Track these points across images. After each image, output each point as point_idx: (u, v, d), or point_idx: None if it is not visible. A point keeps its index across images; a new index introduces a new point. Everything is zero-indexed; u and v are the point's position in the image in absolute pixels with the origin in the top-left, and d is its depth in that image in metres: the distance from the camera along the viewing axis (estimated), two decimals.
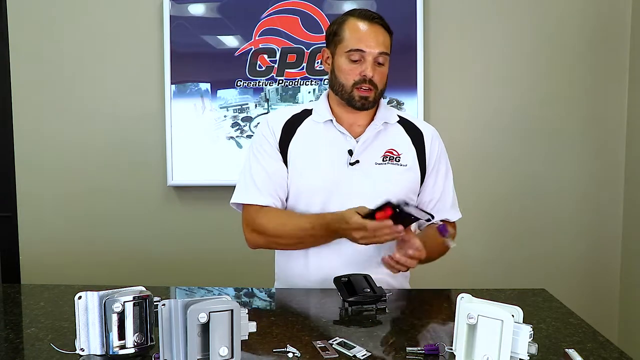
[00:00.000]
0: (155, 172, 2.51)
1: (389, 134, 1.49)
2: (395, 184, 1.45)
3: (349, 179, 1.44)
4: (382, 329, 1.16)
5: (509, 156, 2.45)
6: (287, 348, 1.01)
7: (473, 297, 0.91)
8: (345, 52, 1.41)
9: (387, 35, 1.43)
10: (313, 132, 1.49)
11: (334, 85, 1.46)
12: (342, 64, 1.42)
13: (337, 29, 1.45)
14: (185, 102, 2.45)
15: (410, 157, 1.48)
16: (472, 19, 2.41)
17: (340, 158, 1.45)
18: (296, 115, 1.51)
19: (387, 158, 1.47)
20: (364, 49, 1.39)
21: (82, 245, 2.56)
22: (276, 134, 1.49)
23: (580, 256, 2.47)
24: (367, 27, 1.41)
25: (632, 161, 2.37)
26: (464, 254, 2.48)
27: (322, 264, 1.45)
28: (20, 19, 2.51)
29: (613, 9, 2.38)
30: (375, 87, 1.42)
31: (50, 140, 2.54)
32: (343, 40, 1.42)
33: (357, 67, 1.41)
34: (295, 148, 1.47)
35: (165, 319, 0.90)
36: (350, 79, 1.42)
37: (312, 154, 1.47)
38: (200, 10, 2.43)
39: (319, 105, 1.52)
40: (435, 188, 1.53)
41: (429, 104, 2.41)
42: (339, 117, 1.49)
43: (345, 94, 1.43)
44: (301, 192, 1.47)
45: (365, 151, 1.46)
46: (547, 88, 2.42)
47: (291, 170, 1.47)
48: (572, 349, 0.95)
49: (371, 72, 1.40)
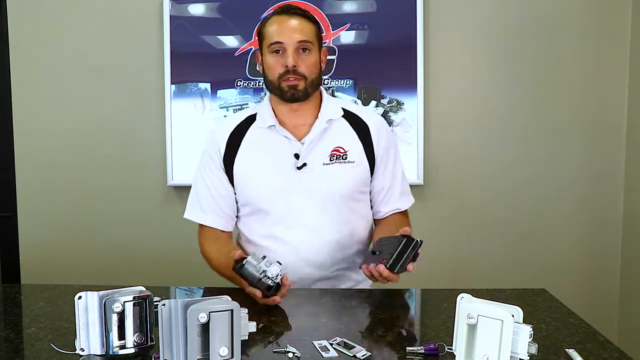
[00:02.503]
0: (155, 172, 2.51)
1: (334, 131, 1.50)
2: (346, 182, 1.48)
3: (297, 183, 1.46)
4: (382, 329, 1.16)
5: (508, 156, 2.44)
6: (287, 348, 1.01)
7: (473, 297, 0.91)
8: (267, 48, 1.44)
9: (308, 24, 1.44)
10: (258, 139, 1.50)
11: (267, 84, 1.48)
12: (268, 59, 1.45)
13: (260, 29, 1.48)
14: (185, 102, 2.45)
15: (357, 152, 1.49)
16: (472, 19, 2.41)
17: (286, 163, 1.47)
18: (240, 125, 1.53)
19: (334, 157, 1.48)
20: (282, 40, 1.41)
21: (82, 245, 2.56)
22: (220, 149, 1.51)
23: (581, 256, 2.47)
24: (285, 20, 1.43)
25: (632, 161, 2.37)
26: (464, 254, 2.49)
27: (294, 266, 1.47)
28: (20, 19, 2.51)
29: (613, 9, 2.37)
30: (304, 76, 1.42)
31: (51, 140, 2.54)
32: (265, 37, 1.45)
33: (279, 59, 1.42)
34: (242, 159, 1.50)
35: (165, 319, 0.90)
36: (275, 72, 1.43)
37: (259, 162, 1.49)
38: (200, 10, 2.43)
39: (262, 109, 1.52)
40: (384, 178, 1.54)
41: (429, 104, 2.41)
42: (282, 119, 1.50)
43: (275, 89, 1.45)
44: (253, 201, 1.50)
45: (312, 153, 1.47)
46: (547, 88, 2.42)
47: (240, 182, 1.50)
48: (572, 349, 0.95)
49: (292, 61, 1.40)
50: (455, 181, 2.44)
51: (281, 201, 1.47)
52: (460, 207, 2.45)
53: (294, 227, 1.47)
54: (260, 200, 1.48)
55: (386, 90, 2.39)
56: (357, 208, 1.52)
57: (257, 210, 1.50)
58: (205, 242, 1.55)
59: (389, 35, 2.36)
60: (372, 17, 2.36)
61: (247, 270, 1.23)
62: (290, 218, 1.47)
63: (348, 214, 1.50)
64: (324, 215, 1.47)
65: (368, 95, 2.39)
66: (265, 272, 1.21)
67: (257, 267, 1.22)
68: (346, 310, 1.27)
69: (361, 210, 1.54)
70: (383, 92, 2.39)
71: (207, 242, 1.55)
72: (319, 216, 1.47)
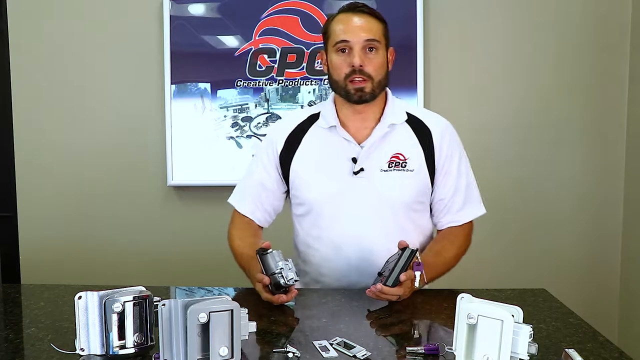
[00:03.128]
0: (155, 172, 2.51)
1: (396, 137, 1.46)
2: (402, 191, 1.43)
3: (352, 189, 1.43)
4: (382, 329, 1.16)
5: (508, 156, 2.44)
6: (287, 348, 1.01)
7: (473, 297, 0.91)
8: (333, 47, 1.41)
9: (375, 22, 1.41)
10: (318, 140, 1.48)
11: (331, 84, 1.45)
12: (333, 58, 1.41)
13: (326, 28, 1.45)
14: (185, 102, 2.45)
15: (417, 160, 1.44)
16: (472, 19, 2.41)
17: (343, 167, 1.44)
18: (302, 124, 1.51)
19: (393, 164, 1.43)
20: (349, 38, 1.37)
21: (82, 245, 2.56)
22: (278, 147, 1.50)
23: (581, 256, 2.47)
24: (351, 18, 1.40)
25: (632, 160, 2.37)
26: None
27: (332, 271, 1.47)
28: (20, 19, 2.51)
29: (613, 9, 2.37)
30: (370, 77, 1.39)
31: (50, 140, 2.54)
32: (331, 36, 1.42)
33: (345, 59, 1.39)
34: (300, 159, 1.48)
35: (165, 319, 0.90)
36: (341, 72, 1.40)
37: (316, 164, 1.46)
38: (200, 10, 2.43)
39: (325, 109, 1.50)
40: (445, 188, 1.47)
41: (429, 104, 2.41)
42: (344, 121, 1.47)
43: (341, 90, 1.42)
44: (307, 203, 1.48)
45: (370, 158, 1.43)
46: (547, 88, 2.42)
47: (295, 181, 1.48)
48: (572, 348, 0.95)
49: (359, 60, 1.36)
50: None
51: (334, 206, 1.44)
52: None
53: (344, 232, 1.45)
54: (313, 202, 1.47)
55: None
56: (414, 217, 1.47)
57: (310, 211, 1.48)
58: (234, 226, 1.55)
59: (389, 35, 2.36)
60: None
61: (268, 259, 1.24)
62: (342, 223, 1.45)
63: (403, 224, 1.45)
64: (376, 223, 1.43)
65: None
66: (282, 270, 1.22)
67: (277, 263, 1.24)
68: (346, 310, 1.27)
69: (418, 220, 1.49)
70: None
71: (235, 226, 1.55)
72: (371, 224, 1.44)
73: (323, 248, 1.48)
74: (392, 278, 1.23)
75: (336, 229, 1.45)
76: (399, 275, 1.23)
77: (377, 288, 1.23)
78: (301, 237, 1.54)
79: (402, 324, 1.21)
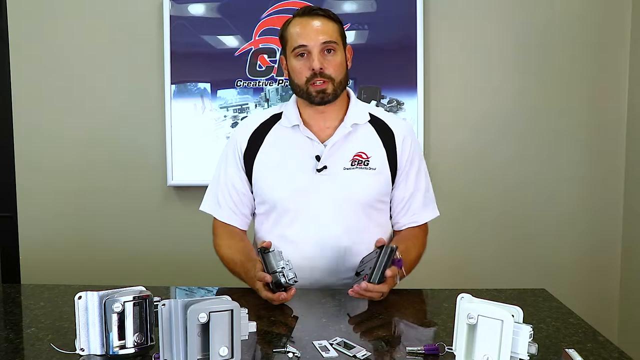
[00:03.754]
0: (155, 172, 2.51)
1: (359, 136, 1.47)
2: (365, 189, 1.45)
3: (315, 186, 1.44)
4: (382, 329, 1.16)
5: (508, 156, 2.44)
6: (287, 348, 1.01)
7: (473, 297, 0.91)
8: (292, 52, 1.42)
9: (331, 23, 1.42)
10: (281, 139, 1.49)
11: (293, 87, 1.46)
12: (293, 63, 1.42)
13: (282, 33, 1.46)
14: (185, 102, 2.45)
15: (380, 159, 1.46)
16: (472, 19, 2.41)
17: (307, 165, 1.45)
18: (264, 123, 1.52)
19: (356, 162, 1.45)
20: (306, 42, 1.39)
21: (82, 245, 2.56)
22: (241, 147, 1.50)
23: (581, 256, 2.47)
24: (307, 21, 1.41)
25: (631, 161, 2.37)
26: (464, 254, 2.49)
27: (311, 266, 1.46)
28: (20, 19, 2.51)
29: (613, 9, 2.37)
30: (331, 78, 1.40)
31: (50, 139, 2.54)
32: (289, 41, 1.43)
33: (305, 63, 1.40)
34: (263, 157, 1.48)
35: (165, 319, 0.90)
36: (302, 76, 1.41)
37: (279, 162, 1.47)
38: (200, 10, 2.43)
39: (288, 109, 1.51)
40: (405, 188, 1.50)
41: (429, 104, 2.41)
42: (307, 120, 1.48)
43: (303, 93, 1.43)
44: (268, 200, 1.48)
45: (333, 156, 1.45)
46: (547, 88, 2.42)
47: (258, 180, 1.49)
48: (572, 348, 0.95)
49: (318, 63, 1.38)
50: (455, 181, 2.44)
51: (297, 202, 1.45)
52: (460, 206, 2.45)
53: (306, 230, 1.45)
54: (276, 199, 1.47)
55: (386, 90, 2.39)
56: (375, 216, 1.49)
57: (272, 210, 1.48)
58: (218, 236, 1.54)
59: (389, 35, 2.36)
60: (372, 17, 2.36)
61: (270, 257, 1.25)
62: (304, 220, 1.45)
63: (365, 222, 1.46)
64: (339, 220, 1.44)
65: (368, 95, 2.39)
66: (283, 269, 1.23)
67: (279, 262, 1.24)
68: (346, 310, 1.27)
69: (379, 219, 1.50)
70: (383, 92, 2.39)
71: (219, 236, 1.54)
72: (334, 221, 1.44)
73: (284, 246, 1.46)
74: (377, 275, 1.23)
75: (298, 226, 1.46)
76: (383, 272, 1.23)
77: (362, 287, 1.24)
78: (261, 235, 1.53)
79: (402, 324, 1.21)
